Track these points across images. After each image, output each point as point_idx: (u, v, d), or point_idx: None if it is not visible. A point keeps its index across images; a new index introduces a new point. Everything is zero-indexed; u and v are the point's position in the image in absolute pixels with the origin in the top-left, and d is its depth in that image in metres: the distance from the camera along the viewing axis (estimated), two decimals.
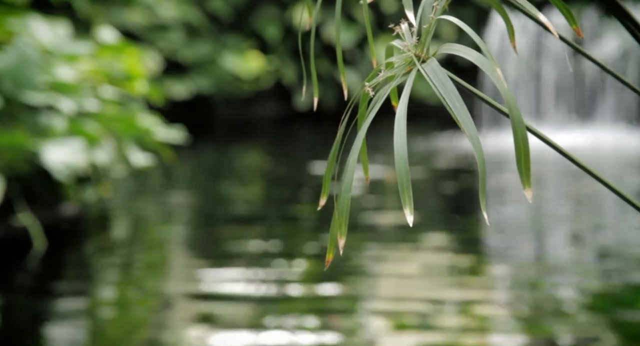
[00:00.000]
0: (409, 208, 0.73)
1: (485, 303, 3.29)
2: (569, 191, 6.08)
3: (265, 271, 3.71)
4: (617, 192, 0.86)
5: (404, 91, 0.77)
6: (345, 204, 0.77)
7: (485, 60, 0.75)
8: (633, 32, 0.96)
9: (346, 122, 0.83)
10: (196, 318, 3.09)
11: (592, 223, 4.91)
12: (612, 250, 4.19)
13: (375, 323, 3.04)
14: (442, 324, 3.00)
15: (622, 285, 3.56)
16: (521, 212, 5.16)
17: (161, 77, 9.10)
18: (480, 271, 3.77)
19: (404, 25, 0.83)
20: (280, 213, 5.16)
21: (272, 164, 7.61)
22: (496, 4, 0.80)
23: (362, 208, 5.03)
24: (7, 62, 4.13)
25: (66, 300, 3.37)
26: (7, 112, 4.13)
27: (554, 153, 4.12)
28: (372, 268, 3.84)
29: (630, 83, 0.96)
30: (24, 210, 4.12)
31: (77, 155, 4.09)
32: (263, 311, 3.17)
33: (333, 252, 0.81)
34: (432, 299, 3.29)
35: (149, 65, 5.71)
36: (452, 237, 4.42)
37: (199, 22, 10.08)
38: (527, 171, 0.74)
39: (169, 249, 4.42)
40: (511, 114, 0.74)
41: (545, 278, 3.70)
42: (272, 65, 10.40)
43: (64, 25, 4.99)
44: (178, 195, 5.95)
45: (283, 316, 3.09)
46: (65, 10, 8.78)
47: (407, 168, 0.74)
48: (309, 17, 0.98)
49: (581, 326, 3.02)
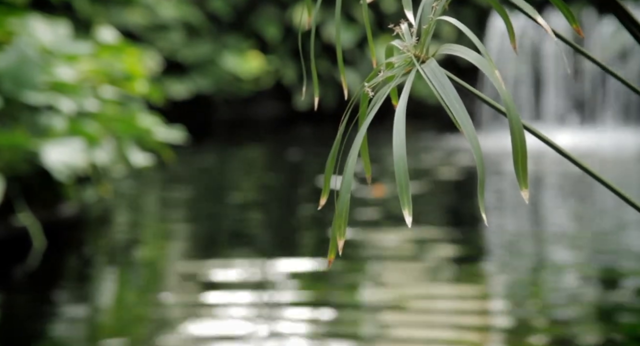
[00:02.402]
0: (408, 210, 0.73)
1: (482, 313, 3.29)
2: (569, 191, 6.08)
3: (266, 272, 3.71)
4: (617, 192, 0.86)
5: (403, 91, 0.77)
6: (344, 204, 0.77)
7: (484, 61, 0.75)
8: (633, 32, 0.96)
9: (346, 121, 0.83)
10: (196, 318, 3.09)
11: (593, 226, 4.91)
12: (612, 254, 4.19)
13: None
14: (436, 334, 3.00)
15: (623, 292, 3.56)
16: (521, 214, 5.16)
17: (161, 77, 9.10)
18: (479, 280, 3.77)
19: (403, 25, 0.83)
20: (280, 212, 5.16)
21: (272, 164, 7.61)
22: (496, 4, 0.80)
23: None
24: (7, 62, 4.13)
25: (66, 300, 3.37)
26: (7, 112, 4.13)
27: (554, 152, 4.13)
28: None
29: (630, 83, 0.96)
30: (24, 210, 4.12)
31: (77, 155, 4.09)
32: (264, 309, 3.17)
33: (334, 252, 0.81)
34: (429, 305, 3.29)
35: (149, 65, 5.71)
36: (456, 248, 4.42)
37: (199, 22, 10.08)
38: (524, 173, 0.74)
39: (169, 249, 4.42)
40: (509, 115, 0.74)
41: (545, 285, 3.70)
42: (272, 65, 10.40)
43: (64, 25, 4.99)
44: (178, 195, 5.95)
45: (283, 310, 3.09)
46: (65, 10, 8.78)
47: (406, 168, 0.74)
48: (309, 17, 0.98)
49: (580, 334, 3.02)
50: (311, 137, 9.72)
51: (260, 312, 3.15)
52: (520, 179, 0.74)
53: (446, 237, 4.39)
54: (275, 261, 3.88)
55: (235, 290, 3.43)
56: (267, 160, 7.98)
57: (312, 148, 8.59)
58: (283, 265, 3.84)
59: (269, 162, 7.78)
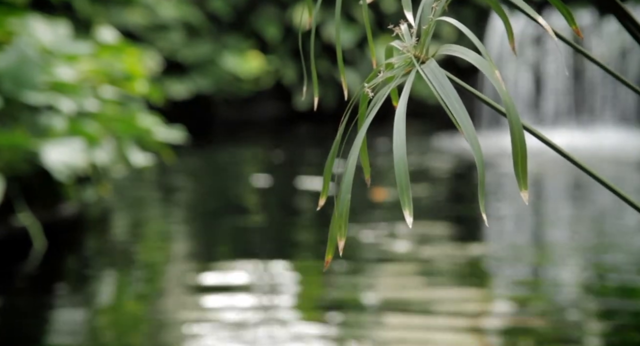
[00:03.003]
0: (409, 210, 0.73)
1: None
2: (569, 192, 6.08)
3: (266, 272, 3.71)
4: (616, 193, 0.86)
5: (403, 92, 0.77)
6: (344, 205, 0.77)
7: (484, 62, 0.75)
8: (633, 32, 0.96)
9: (346, 122, 0.83)
10: (196, 318, 3.09)
11: (593, 230, 4.91)
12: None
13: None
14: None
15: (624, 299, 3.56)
16: (521, 216, 5.16)
17: (161, 77, 9.10)
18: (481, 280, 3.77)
19: (403, 26, 0.83)
20: (280, 212, 5.16)
21: (271, 164, 7.61)
22: (495, 4, 0.80)
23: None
24: (7, 62, 4.13)
25: (66, 300, 3.37)
26: (7, 112, 4.13)
27: (554, 152, 4.13)
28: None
29: (630, 83, 0.96)
30: (24, 210, 4.12)
31: (77, 155, 4.09)
32: (265, 308, 3.17)
33: (332, 252, 0.81)
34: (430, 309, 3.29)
35: (149, 65, 5.71)
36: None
37: (199, 22, 10.08)
38: (524, 174, 0.74)
39: (169, 249, 4.42)
40: (509, 116, 0.74)
41: (545, 291, 3.69)
42: (272, 65, 10.40)
43: (64, 25, 4.99)
44: (178, 195, 5.95)
45: (286, 313, 3.09)
46: (65, 10, 8.77)
47: (406, 169, 0.74)
48: (309, 17, 0.98)
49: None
50: (312, 136, 9.72)
51: (260, 313, 3.15)
52: (520, 180, 0.74)
53: (446, 237, 4.39)
54: (275, 262, 3.88)
55: (235, 290, 3.43)
56: (266, 160, 7.98)
57: (312, 148, 8.59)
58: (283, 265, 3.84)
59: (268, 162, 7.79)
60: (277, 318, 3.08)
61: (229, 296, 3.34)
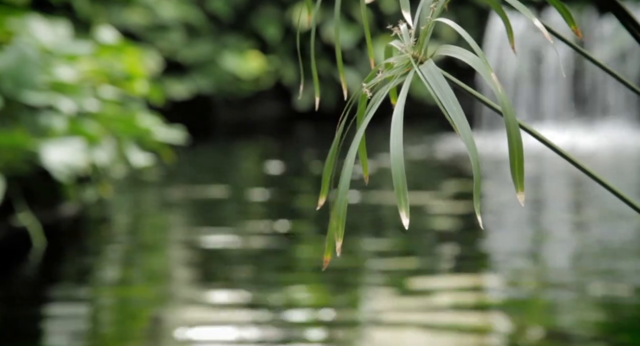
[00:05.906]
0: (405, 211, 0.73)
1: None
2: (569, 192, 6.08)
3: (266, 270, 3.71)
4: (616, 193, 0.86)
5: (400, 93, 0.77)
6: (342, 206, 0.77)
7: (481, 63, 0.75)
8: (633, 32, 0.96)
9: (344, 122, 0.83)
10: (197, 318, 3.09)
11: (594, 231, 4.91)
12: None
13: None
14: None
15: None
16: (520, 216, 5.17)
17: (161, 77, 9.10)
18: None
19: (402, 26, 0.83)
20: (281, 213, 5.16)
21: (271, 164, 7.61)
22: (495, 5, 0.80)
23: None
24: (7, 62, 4.13)
25: (66, 300, 3.37)
26: (7, 112, 4.13)
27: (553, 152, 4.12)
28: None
29: (630, 83, 0.96)
30: (24, 210, 4.12)
31: (77, 155, 4.09)
32: (265, 307, 3.17)
33: (331, 252, 0.81)
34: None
35: (149, 65, 5.71)
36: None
37: (199, 22, 10.08)
38: (520, 175, 0.74)
39: (169, 249, 4.42)
40: (506, 118, 0.74)
41: (544, 295, 3.70)
42: (272, 65, 10.40)
43: (64, 25, 4.99)
44: (178, 195, 5.95)
45: (285, 303, 3.09)
46: (65, 10, 8.78)
47: (403, 170, 0.74)
48: (309, 17, 0.98)
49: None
50: (311, 137, 9.72)
51: (261, 314, 3.15)
52: (517, 182, 0.74)
53: (443, 239, 4.39)
54: (276, 261, 3.88)
55: (236, 291, 3.43)
56: (265, 159, 7.98)
57: (312, 148, 8.59)
58: (284, 265, 3.84)
59: (267, 162, 7.79)
60: (277, 318, 3.08)
61: (230, 296, 3.34)
